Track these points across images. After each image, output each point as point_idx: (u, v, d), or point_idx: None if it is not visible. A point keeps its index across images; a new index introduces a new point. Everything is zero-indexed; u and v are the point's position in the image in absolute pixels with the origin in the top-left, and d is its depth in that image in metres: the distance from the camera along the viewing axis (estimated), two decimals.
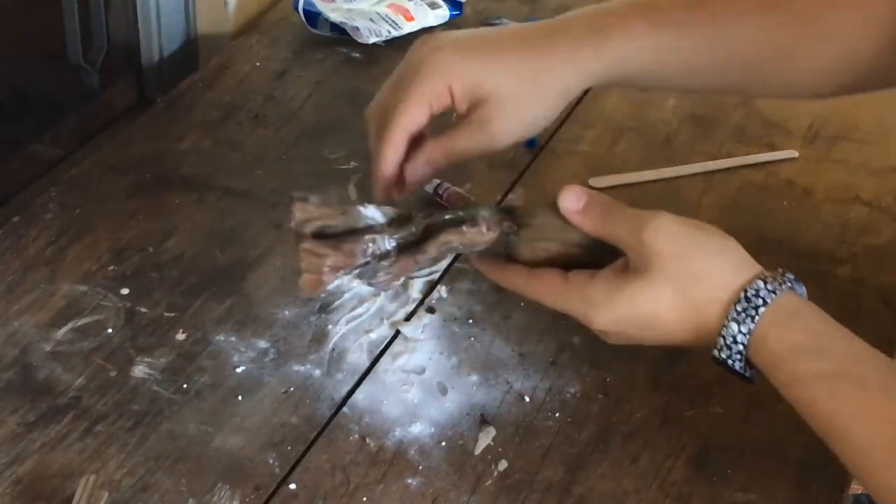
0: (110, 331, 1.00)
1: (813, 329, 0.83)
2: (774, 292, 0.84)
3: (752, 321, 0.83)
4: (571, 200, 0.88)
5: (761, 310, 0.83)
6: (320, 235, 0.86)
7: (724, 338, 0.84)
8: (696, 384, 0.97)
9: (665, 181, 1.21)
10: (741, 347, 0.84)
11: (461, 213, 0.90)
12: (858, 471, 0.80)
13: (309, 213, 0.86)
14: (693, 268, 0.85)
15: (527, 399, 0.96)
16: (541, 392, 0.96)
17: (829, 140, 1.28)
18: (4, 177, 1.23)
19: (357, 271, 0.87)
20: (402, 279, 0.90)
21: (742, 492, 0.89)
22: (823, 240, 1.14)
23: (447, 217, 0.90)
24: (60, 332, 0.99)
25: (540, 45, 0.93)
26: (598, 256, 0.90)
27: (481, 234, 0.88)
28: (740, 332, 0.84)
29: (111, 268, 1.06)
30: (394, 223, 0.88)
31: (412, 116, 0.92)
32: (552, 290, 0.88)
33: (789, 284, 0.85)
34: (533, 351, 1.00)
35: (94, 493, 0.85)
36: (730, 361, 0.85)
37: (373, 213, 0.87)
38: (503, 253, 0.93)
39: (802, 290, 0.87)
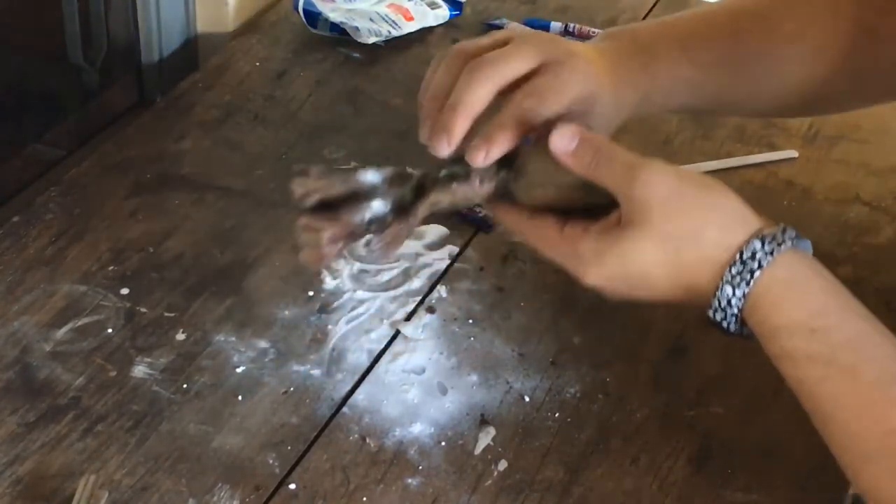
0: (110, 331, 1.00)
1: (809, 306, 0.80)
2: (772, 254, 0.80)
3: (748, 285, 0.80)
4: (563, 141, 0.84)
5: (756, 273, 0.79)
6: (324, 206, 0.85)
7: (718, 300, 0.81)
8: (696, 384, 0.97)
9: None
10: (735, 311, 0.81)
11: (456, 168, 0.87)
12: (842, 458, 0.78)
13: (308, 186, 0.85)
14: (685, 225, 0.81)
15: (527, 399, 0.96)
16: (541, 392, 0.96)
17: (829, 140, 1.28)
18: (4, 177, 1.22)
19: (355, 241, 0.86)
20: (398, 247, 0.87)
21: (742, 492, 0.89)
22: (823, 240, 1.13)
23: (443, 173, 0.87)
24: (60, 332, 0.99)
25: (621, 73, 0.93)
26: (596, 197, 0.85)
27: (473, 190, 0.86)
28: (735, 295, 0.80)
29: (111, 268, 1.06)
30: (393, 182, 0.86)
31: (519, 69, 0.87)
32: (547, 242, 0.86)
33: (790, 244, 0.81)
34: (533, 351, 1.00)
35: (94, 493, 0.85)
36: (724, 324, 0.82)
37: (372, 176, 0.85)
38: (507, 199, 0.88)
39: (806, 245, 0.82)
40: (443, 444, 0.92)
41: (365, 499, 0.87)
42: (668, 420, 0.94)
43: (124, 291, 1.03)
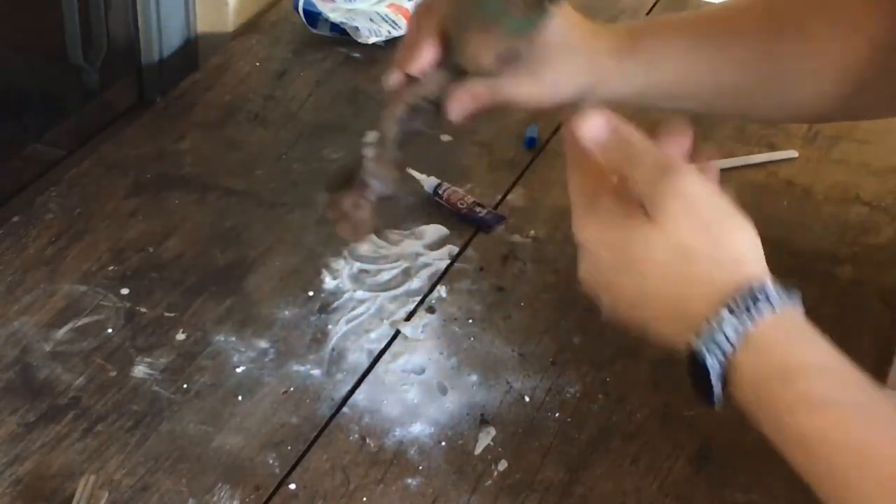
0: (110, 331, 1.00)
1: (822, 348, 0.73)
2: (780, 297, 0.73)
3: (749, 314, 0.73)
4: (594, 131, 0.79)
5: (764, 308, 0.73)
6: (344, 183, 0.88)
7: (711, 324, 0.73)
8: None
9: None
10: (727, 346, 0.73)
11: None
12: None
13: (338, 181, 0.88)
14: (706, 242, 0.76)
15: (527, 399, 0.96)
16: (541, 392, 0.96)
17: (829, 140, 1.28)
18: (4, 177, 1.22)
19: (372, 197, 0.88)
20: (395, 171, 0.88)
21: (742, 492, 0.89)
22: (823, 240, 1.14)
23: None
24: (60, 332, 0.99)
25: (607, 38, 0.93)
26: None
27: (423, 85, 0.86)
28: (731, 323, 0.73)
29: (111, 268, 1.06)
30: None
31: None
32: (578, 169, 0.81)
33: (792, 303, 0.74)
34: (533, 351, 0.99)
35: (94, 493, 0.85)
36: (705, 357, 0.73)
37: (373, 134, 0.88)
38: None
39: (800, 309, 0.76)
40: (443, 444, 0.92)
41: (365, 499, 0.87)
42: (668, 420, 0.94)
43: (124, 291, 1.03)
